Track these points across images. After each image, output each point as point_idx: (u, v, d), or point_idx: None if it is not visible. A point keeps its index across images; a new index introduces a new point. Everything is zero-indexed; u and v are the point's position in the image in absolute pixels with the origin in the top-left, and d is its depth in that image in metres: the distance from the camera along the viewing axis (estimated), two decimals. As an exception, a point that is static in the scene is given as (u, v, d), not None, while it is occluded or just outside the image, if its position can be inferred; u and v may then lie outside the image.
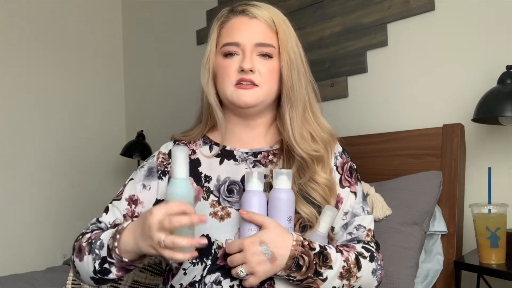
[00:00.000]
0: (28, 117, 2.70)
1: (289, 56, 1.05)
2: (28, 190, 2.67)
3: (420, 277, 1.38)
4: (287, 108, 1.05)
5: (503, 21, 1.50)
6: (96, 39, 3.01)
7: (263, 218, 0.93)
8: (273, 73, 1.05)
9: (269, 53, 1.05)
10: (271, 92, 1.06)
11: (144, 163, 1.12)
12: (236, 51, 1.04)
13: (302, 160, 1.03)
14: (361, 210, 1.08)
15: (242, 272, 0.90)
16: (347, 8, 1.89)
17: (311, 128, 1.07)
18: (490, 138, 1.54)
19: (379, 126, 1.76)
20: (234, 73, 1.03)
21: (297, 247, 0.91)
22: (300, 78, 1.07)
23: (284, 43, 1.05)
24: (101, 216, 1.09)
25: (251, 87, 1.02)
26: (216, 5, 2.46)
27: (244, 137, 1.11)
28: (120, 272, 0.94)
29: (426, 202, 1.41)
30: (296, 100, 1.05)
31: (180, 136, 1.15)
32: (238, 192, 1.03)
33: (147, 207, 1.06)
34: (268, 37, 1.05)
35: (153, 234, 0.83)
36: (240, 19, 1.07)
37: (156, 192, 1.08)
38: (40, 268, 2.30)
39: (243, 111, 1.06)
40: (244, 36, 1.04)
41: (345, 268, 0.96)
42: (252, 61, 1.03)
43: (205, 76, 1.09)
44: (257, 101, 1.03)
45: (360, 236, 1.06)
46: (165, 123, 2.77)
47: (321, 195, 1.02)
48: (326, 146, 1.07)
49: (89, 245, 0.97)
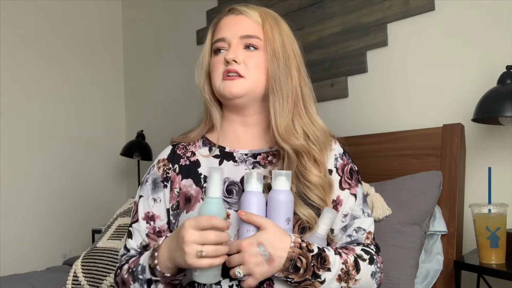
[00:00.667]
0: (28, 117, 2.70)
1: (273, 48, 1.06)
2: (28, 190, 2.68)
3: (420, 277, 1.38)
4: (271, 98, 1.06)
5: (503, 21, 1.50)
6: (96, 39, 3.01)
7: (261, 219, 0.93)
8: (259, 64, 1.06)
9: (254, 45, 1.06)
10: (259, 83, 1.06)
11: (147, 176, 1.12)
12: (224, 46, 1.07)
13: (287, 154, 1.03)
14: (361, 213, 1.07)
15: (240, 273, 0.90)
16: (347, 8, 1.89)
17: (303, 123, 1.07)
18: (490, 138, 1.54)
19: (379, 126, 1.76)
20: (221, 66, 1.06)
21: (295, 249, 0.91)
22: (290, 72, 1.07)
23: (269, 35, 1.07)
24: (127, 243, 1.09)
25: (236, 78, 1.04)
26: (216, 5, 2.47)
27: (243, 138, 1.11)
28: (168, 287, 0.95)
29: (426, 202, 1.41)
30: (282, 92, 1.05)
31: (179, 139, 1.15)
32: (237, 193, 1.03)
33: (164, 219, 1.07)
34: (253, 29, 1.07)
35: (186, 247, 0.85)
36: (228, 17, 1.11)
37: (164, 201, 1.08)
38: (40, 268, 2.30)
39: (233, 103, 1.07)
40: (229, 30, 1.08)
41: (344, 270, 0.95)
42: (235, 52, 1.05)
43: (200, 74, 1.13)
44: (243, 91, 1.04)
45: (359, 238, 1.05)
46: (165, 123, 2.78)
47: (318, 196, 1.02)
48: (319, 144, 1.07)
49: (131, 274, 0.98)
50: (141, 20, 3.01)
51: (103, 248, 1.72)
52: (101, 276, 1.62)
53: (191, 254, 0.85)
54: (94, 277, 1.63)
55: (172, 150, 1.13)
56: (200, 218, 0.87)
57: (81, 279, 1.65)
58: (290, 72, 1.07)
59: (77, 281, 1.65)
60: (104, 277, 1.61)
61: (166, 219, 1.07)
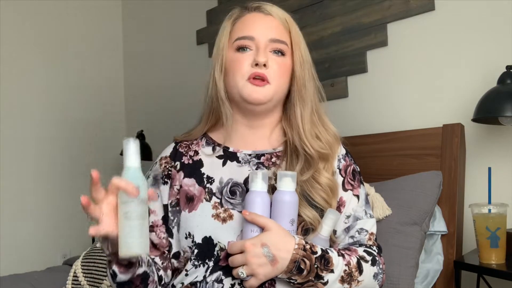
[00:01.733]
0: (28, 116, 2.70)
1: (301, 54, 1.07)
2: (28, 190, 2.67)
3: (420, 277, 1.38)
4: (298, 105, 1.06)
5: (503, 21, 1.50)
6: (96, 39, 3.01)
7: (265, 220, 0.93)
8: (285, 70, 1.05)
9: (282, 50, 1.05)
10: (281, 90, 1.06)
11: (149, 173, 1.12)
12: (250, 45, 1.04)
13: (310, 158, 1.03)
14: (364, 214, 1.07)
15: (243, 273, 0.90)
16: (347, 8, 1.89)
17: (318, 130, 1.08)
18: (490, 138, 1.54)
19: (379, 126, 1.76)
20: (247, 67, 1.03)
21: (298, 250, 0.91)
22: (310, 80, 1.08)
23: (297, 41, 1.08)
24: None
25: (263, 83, 1.02)
26: (216, 5, 2.47)
27: (247, 138, 1.10)
28: (122, 268, 0.92)
29: (426, 202, 1.41)
30: (306, 99, 1.06)
31: (182, 137, 1.14)
32: (241, 194, 1.03)
33: (159, 214, 1.07)
34: (282, 34, 1.06)
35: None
36: (255, 14, 1.08)
37: (162, 197, 1.08)
38: (40, 268, 2.30)
39: (252, 108, 1.05)
40: (258, 30, 1.04)
41: (347, 272, 0.95)
42: (266, 55, 1.03)
43: (218, 69, 1.07)
44: (268, 98, 1.03)
45: (362, 239, 1.05)
46: (165, 123, 2.77)
47: (323, 197, 1.02)
48: (331, 148, 1.07)
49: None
50: (141, 20, 3.01)
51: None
52: (101, 276, 1.61)
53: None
54: (94, 277, 1.63)
55: (174, 147, 1.12)
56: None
57: (81, 279, 1.65)
58: (311, 80, 1.08)
59: (77, 281, 1.65)
60: (104, 277, 1.61)
61: (161, 215, 1.06)
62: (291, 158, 1.05)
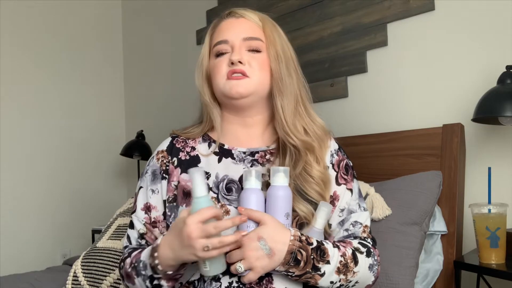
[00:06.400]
0: (28, 116, 2.70)
1: (276, 49, 1.10)
2: (28, 190, 2.68)
3: (420, 277, 1.38)
4: (278, 98, 1.09)
5: (503, 21, 1.50)
6: (96, 39, 3.01)
7: (260, 214, 0.94)
8: (263, 65, 1.08)
9: (257, 47, 1.09)
10: (263, 84, 1.08)
11: (147, 168, 1.14)
12: (226, 49, 1.09)
13: (295, 150, 1.06)
14: (357, 207, 1.10)
15: (241, 268, 0.91)
16: (347, 8, 1.89)
17: (304, 122, 1.10)
18: (490, 138, 1.54)
19: (379, 126, 1.76)
20: (225, 68, 1.08)
21: (294, 242, 0.92)
22: (291, 73, 1.11)
23: (271, 37, 1.10)
24: (129, 233, 1.12)
25: (242, 77, 1.06)
26: (216, 5, 2.47)
27: (241, 137, 1.13)
28: (170, 282, 0.97)
29: (426, 202, 1.41)
30: (287, 91, 1.09)
31: (179, 132, 1.16)
32: (236, 190, 1.04)
33: (160, 210, 1.09)
34: (255, 31, 1.10)
35: (194, 243, 0.87)
36: (228, 20, 1.13)
37: (162, 193, 1.10)
38: (40, 268, 2.30)
39: (237, 103, 1.08)
40: (231, 33, 1.09)
41: (342, 263, 0.97)
42: (240, 53, 1.07)
43: (199, 77, 1.14)
44: (249, 90, 1.06)
45: (356, 232, 1.07)
46: (165, 123, 2.77)
47: (317, 191, 1.04)
48: (319, 141, 1.10)
49: (134, 269, 1.00)
50: (141, 20, 3.01)
51: (103, 248, 1.71)
52: (101, 276, 1.61)
53: (200, 249, 0.87)
54: (94, 277, 1.63)
55: (171, 142, 1.14)
56: (201, 211, 0.88)
57: (81, 279, 1.65)
58: (291, 73, 1.11)
59: (77, 281, 1.65)
60: (104, 277, 1.61)
61: (162, 210, 1.09)
62: (284, 153, 1.08)
